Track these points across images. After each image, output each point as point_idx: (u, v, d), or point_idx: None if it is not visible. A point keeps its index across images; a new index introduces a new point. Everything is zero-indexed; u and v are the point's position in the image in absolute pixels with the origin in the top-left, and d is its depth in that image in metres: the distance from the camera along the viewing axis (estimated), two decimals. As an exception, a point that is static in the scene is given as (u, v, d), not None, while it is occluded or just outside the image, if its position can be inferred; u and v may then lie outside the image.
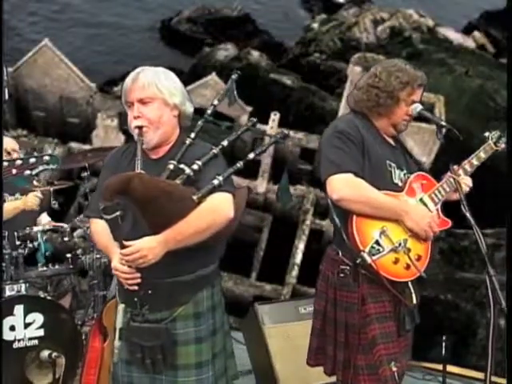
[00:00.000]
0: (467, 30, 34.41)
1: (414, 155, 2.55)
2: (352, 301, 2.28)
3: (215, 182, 2.05)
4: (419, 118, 2.45)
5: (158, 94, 2.11)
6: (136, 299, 2.09)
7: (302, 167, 25.81)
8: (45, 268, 3.09)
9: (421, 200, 2.34)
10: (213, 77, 25.29)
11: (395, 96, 2.28)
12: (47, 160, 1.99)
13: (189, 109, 2.21)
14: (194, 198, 2.02)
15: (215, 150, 2.16)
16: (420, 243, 2.29)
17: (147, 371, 2.12)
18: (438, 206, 2.39)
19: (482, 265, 2.03)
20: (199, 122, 2.26)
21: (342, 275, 2.28)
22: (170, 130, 2.17)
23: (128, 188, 1.96)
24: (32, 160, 1.98)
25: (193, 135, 2.20)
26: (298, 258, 21.36)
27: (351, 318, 2.28)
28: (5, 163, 1.97)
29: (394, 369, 2.21)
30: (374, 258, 2.17)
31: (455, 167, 2.41)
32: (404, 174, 2.36)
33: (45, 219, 3.45)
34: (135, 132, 2.11)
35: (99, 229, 2.13)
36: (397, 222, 2.24)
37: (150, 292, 2.08)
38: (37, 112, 25.74)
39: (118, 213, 1.95)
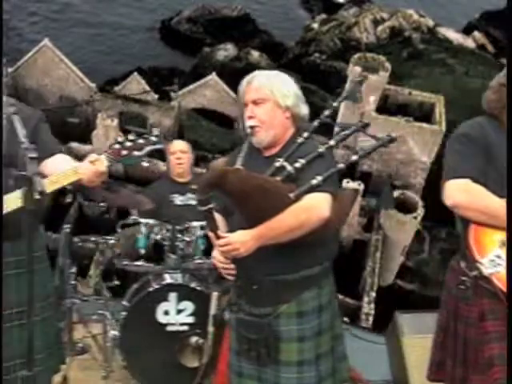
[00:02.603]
0: (467, 30, 34.43)
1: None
2: (471, 315, 2.08)
3: (313, 181, 2.04)
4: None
5: (270, 96, 2.16)
6: (237, 291, 2.20)
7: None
8: (201, 261, 3.15)
9: None
10: (213, 77, 25.23)
11: None
12: (154, 141, 2.01)
13: (303, 111, 2.23)
14: (291, 195, 2.02)
15: (320, 149, 2.14)
16: None
17: (254, 363, 2.20)
18: None
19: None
20: (315, 123, 2.27)
21: (462, 287, 2.09)
22: (283, 130, 2.20)
23: (223, 182, 2.00)
24: (140, 141, 2.01)
25: (306, 134, 2.20)
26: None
27: (470, 334, 2.09)
28: (116, 145, 2.00)
29: None
30: (491, 270, 1.96)
31: None
32: None
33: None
34: (248, 131, 2.19)
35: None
36: None
37: (254, 287, 2.13)
38: (37, 112, 25.75)
39: (211, 205, 1.99)
